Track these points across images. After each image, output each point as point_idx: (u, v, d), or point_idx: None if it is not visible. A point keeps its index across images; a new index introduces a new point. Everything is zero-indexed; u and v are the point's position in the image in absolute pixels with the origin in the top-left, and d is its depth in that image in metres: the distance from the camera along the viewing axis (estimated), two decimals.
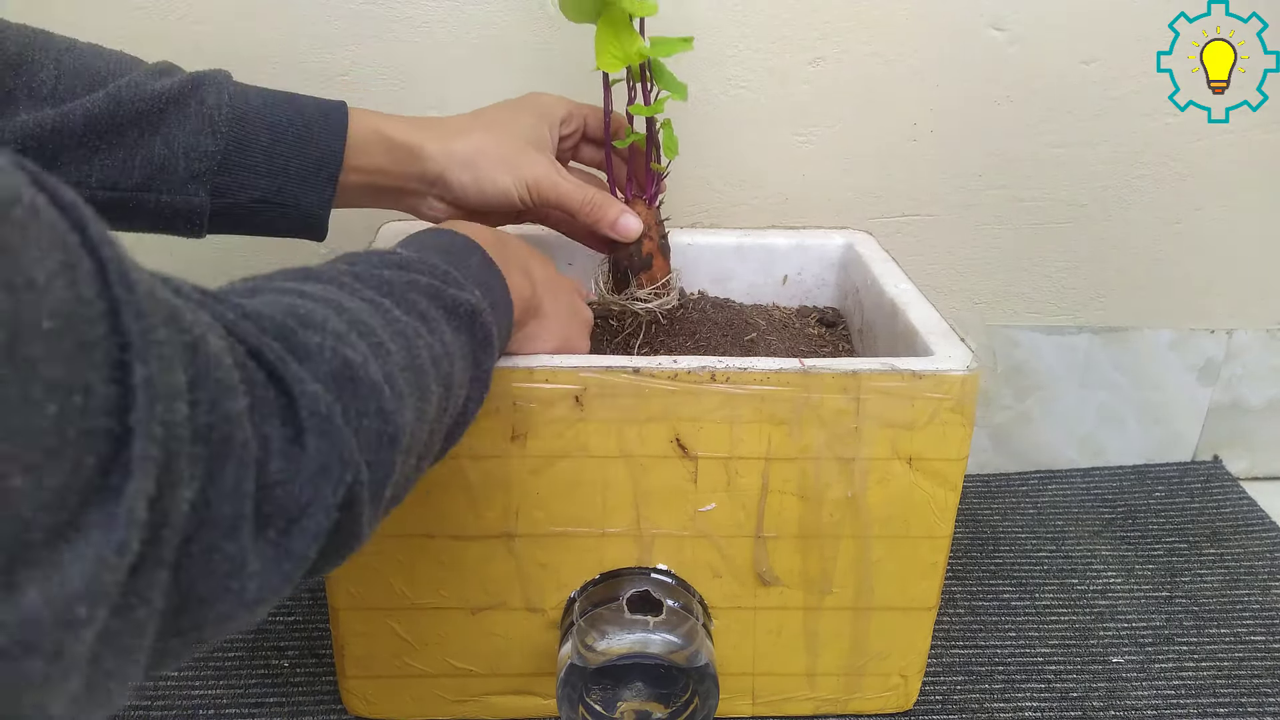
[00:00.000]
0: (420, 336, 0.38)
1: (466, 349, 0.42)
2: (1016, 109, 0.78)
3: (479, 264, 0.46)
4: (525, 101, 0.62)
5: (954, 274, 0.83)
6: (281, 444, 0.29)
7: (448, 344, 0.40)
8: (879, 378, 0.53)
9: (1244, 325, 0.87)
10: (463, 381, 0.41)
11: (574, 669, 0.52)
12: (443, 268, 0.42)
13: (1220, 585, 0.76)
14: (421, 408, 0.36)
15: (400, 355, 0.36)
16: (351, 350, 0.33)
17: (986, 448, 0.90)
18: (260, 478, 0.28)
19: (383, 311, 0.37)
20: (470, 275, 0.44)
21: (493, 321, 0.44)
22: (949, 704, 0.65)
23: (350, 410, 0.32)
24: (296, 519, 0.29)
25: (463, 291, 0.42)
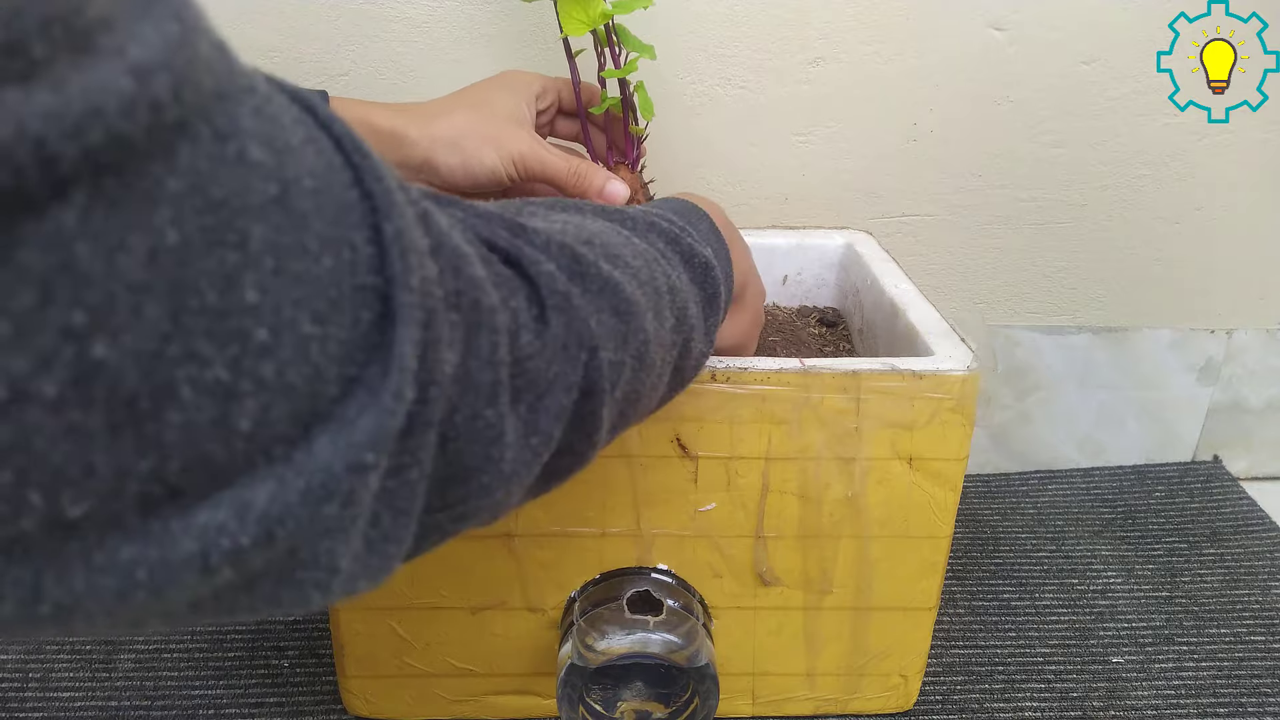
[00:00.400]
0: (657, 263, 0.38)
1: (698, 297, 0.42)
2: (1016, 109, 0.78)
3: (709, 229, 0.47)
4: (501, 79, 0.63)
5: (954, 274, 0.83)
6: (527, 318, 0.30)
7: (684, 283, 0.40)
8: (879, 378, 0.53)
9: (1244, 325, 0.87)
10: (696, 324, 0.41)
11: (574, 669, 0.52)
12: (679, 222, 0.43)
13: (1220, 585, 0.76)
14: (658, 326, 0.37)
15: (640, 270, 0.36)
16: (588, 253, 0.33)
17: (986, 448, 0.90)
18: (513, 349, 0.29)
19: (621, 235, 0.37)
20: (703, 236, 0.45)
21: (721, 280, 0.44)
22: (949, 704, 0.65)
23: (588, 295, 0.32)
24: (543, 394, 0.30)
25: (699, 245, 0.43)
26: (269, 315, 0.20)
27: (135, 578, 0.19)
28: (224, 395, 0.20)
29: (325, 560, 0.23)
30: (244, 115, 0.21)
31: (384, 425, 0.23)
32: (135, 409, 0.18)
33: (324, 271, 0.22)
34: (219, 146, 0.20)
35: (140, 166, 0.18)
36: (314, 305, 0.21)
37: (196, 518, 0.20)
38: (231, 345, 0.20)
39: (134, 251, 0.18)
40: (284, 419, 0.21)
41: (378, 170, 0.24)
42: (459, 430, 0.27)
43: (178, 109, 0.19)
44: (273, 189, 0.21)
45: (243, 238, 0.20)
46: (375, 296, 0.23)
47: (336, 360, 0.22)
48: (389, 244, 0.23)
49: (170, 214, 0.18)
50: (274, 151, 0.21)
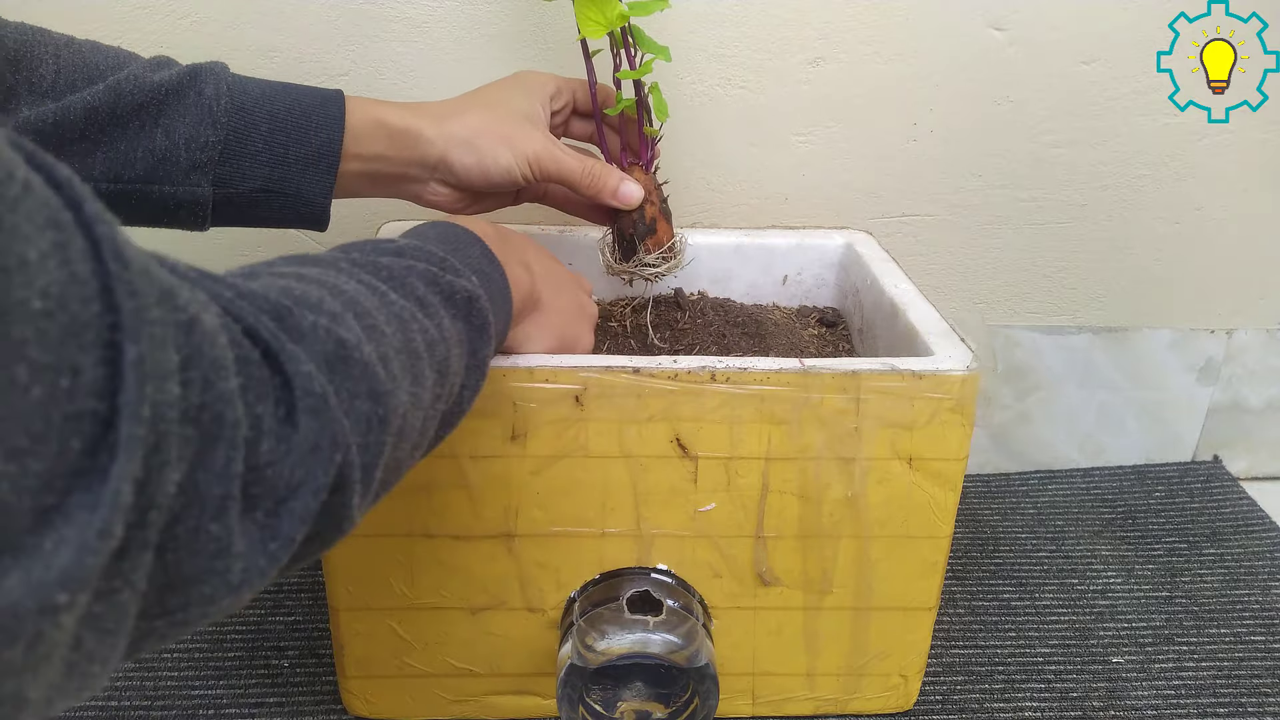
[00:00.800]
0: (415, 320, 0.37)
1: (463, 335, 0.42)
2: (1016, 109, 0.78)
3: (479, 254, 0.46)
4: (515, 80, 0.62)
5: (954, 274, 0.83)
6: (273, 424, 0.28)
7: (444, 330, 0.40)
8: (879, 378, 0.53)
9: (1244, 325, 0.87)
10: (459, 369, 0.41)
11: (574, 669, 0.52)
12: (440, 254, 0.42)
13: (1220, 585, 0.76)
14: (416, 391, 0.36)
15: (395, 338, 0.35)
16: (346, 331, 0.32)
17: (986, 448, 0.90)
18: (250, 458, 0.27)
19: (379, 295, 0.37)
20: (469, 264, 0.44)
21: (490, 309, 0.44)
22: (949, 704, 0.65)
23: (343, 391, 0.31)
24: (285, 500, 0.29)
25: (460, 278, 0.42)
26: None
27: None
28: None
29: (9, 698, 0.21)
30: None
31: (84, 563, 0.21)
32: None
33: (30, 404, 0.20)
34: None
35: None
36: (11, 441, 0.19)
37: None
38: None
39: None
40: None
41: (132, 285, 0.22)
42: (179, 543, 0.25)
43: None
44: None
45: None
46: (93, 422, 0.21)
47: (31, 492, 0.20)
48: (126, 369, 0.22)
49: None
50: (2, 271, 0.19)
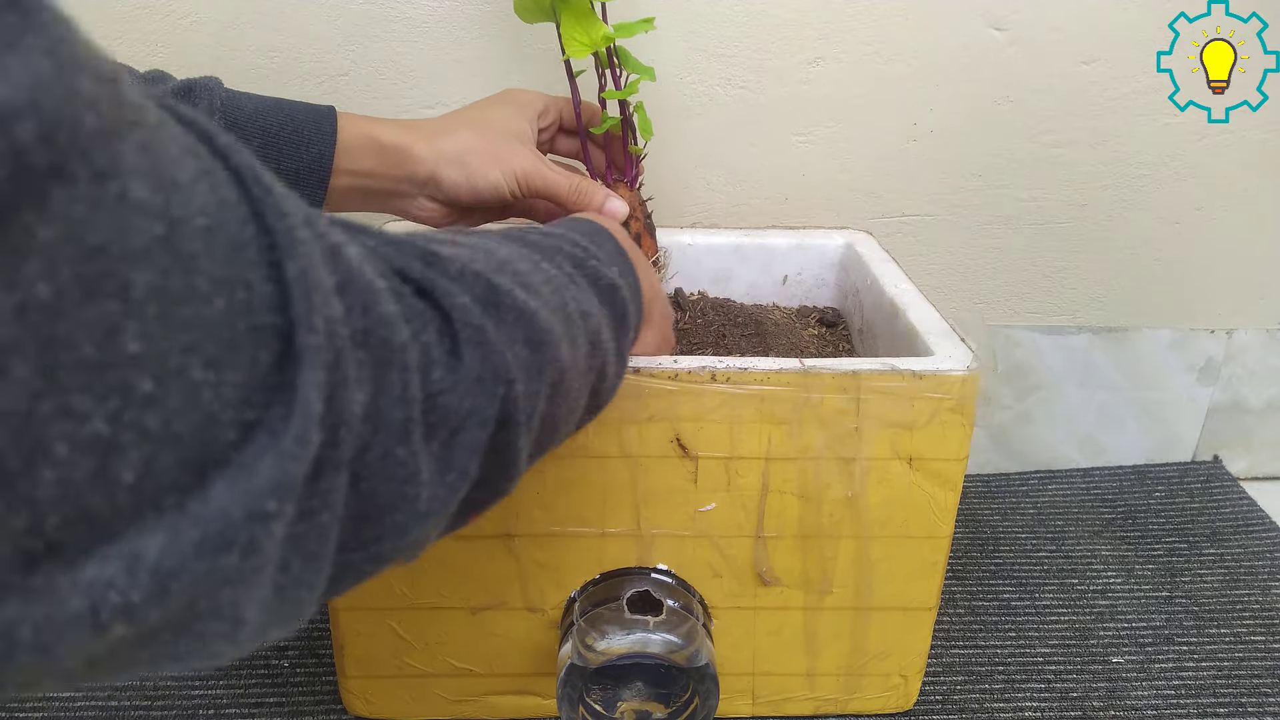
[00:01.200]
0: (567, 289, 0.38)
1: (609, 319, 0.42)
2: (1016, 109, 0.78)
3: (613, 250, 0.47)
4: (503, 97, 0.63)
5: (954, 274, 0.83)
6: (440, 353, 0.29)
7: (593, 307, 0.40)
8: (879, 378, 0.53)
9: (1244, 325, 0.87)
10: (609, 346, 0.41)
11: (574, 669, 0.52)
12: (584, 243, 0.43)
13: (1220, 585, 0.76)
14: (572, 353, 0.36)
15: (551, 298, 0.36)
16: (499, 278, 0.33)
17: (986, 448, 0.90)
18: (425, 385, 0.28)
19: (532, 261, 0.37)
20: (608, 258, 0.45)
21: (629, 300, 0.44)
22: (949, 704, 0.65)
23: (503, 330, 0.32)
24: (457, 430, 0.29)
25: (603, 266, 0.43)
26: (153, 364, 0.19)
27: (18, 638, 0.18)
28: (103, 449, 0.19)
29: (229, 611, 0.22)
30: (127, 153, 0.19)
31: (287, 470, 0.22)
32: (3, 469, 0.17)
33: (216, 314, 0.21)
34: (97, 188, 0.18)
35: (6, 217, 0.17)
36: (205, 350, 0.20)
37: (83, 573, 0.19)
38: (111, 399, 0.18)
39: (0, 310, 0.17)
40: (172, 468, 0.20)
41: (279, 205, 0.23)
42: (371, 469, 0.26)
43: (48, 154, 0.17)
44: (158, 229, 0.19)
45: (124, 285, 0.19)
46: (275, 336, 0.22)
47: (232, 404, 0.21)
48: (291, 283, 0.22)
49: (41, 266, 0.17)
50: (159, 189, 0.20)
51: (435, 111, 0.75)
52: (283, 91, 0.74)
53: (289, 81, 0.74)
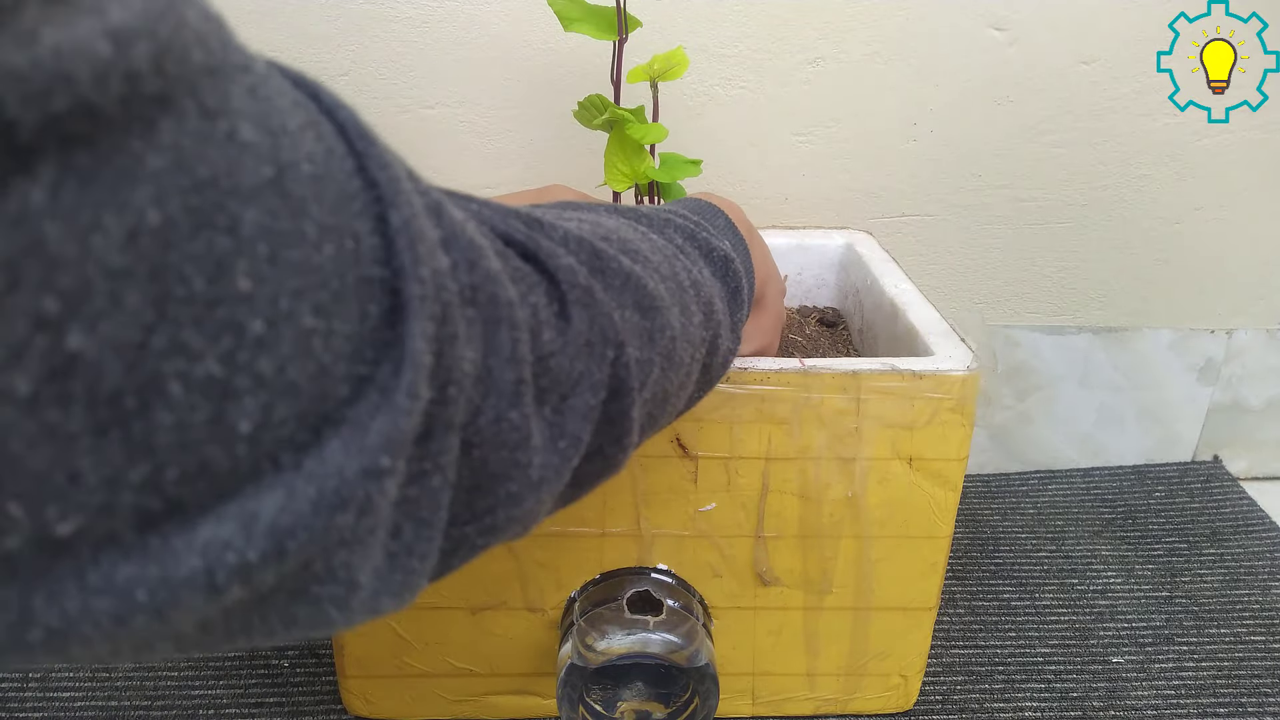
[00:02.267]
0: (679, 259, 0.37)
1: (722, 292, 0.41)
2: (1016, 109, 0.78)
3: (725, 225, 0.46)
4: (544, 194, 0.62)
5: (954, 274, 0.83)
6: (548, 314, 0.28)
7: (706, 277, 0.39)
8: (879, 378, 0.53)
9: (1244, 325, 0.87)
10: (722, 318, 0.40)
11: (574, 669, 0.52)
12: (694, 218, 0.42)
13: (1220, 585, 0.76)
14: (684, 321, 0.35)
15: (662, 266, 0.35)
16: (604, 244, 0.32)
17: (986, 448, 0.90)
18: (535, 346, 0.27)
19: (640, 232, 0.36)
20: (720, 232, 0.44)
21: (743, 274, 0.43)
22: (949, 704, 0.65)
23: (611, 293, 0.31)
24: (568, 394, 0.28)
25: (715, 239, 0.42)
26: (264, 305, 0.19)
27: (134, 599, 0.18)
28: (219, 393, 0.18)
29: (343, 574, 0.22)
30: (236, 94, 0.19)
31: (398, 426, 0.21)
32: (119, 407, 0.17)
33: (325, 261, 0.20)
34: (206, 124, 0.18)
35: (117, 140, 0.17)
36: (315, 297, 0.20)
37: (199, 532, 0.18)
38: (224, 337, 0.18)
39: (111, 232, 0.16)
40: (289, 421, 0.20)
41: (383, 158, 0.23)
42: (483, 435, 0.25)
43: (159, 81, 0.17)
44: (267, 171, 0.19)
45: (234, 221, 0.18)
46: (383, 290, 0.22)
47: (344, 357, 0.21)
48: (396, 234, 0.22)
49: (151, 192, 0.17)
50: (268, 133, 0.20)
51: (435, 112, 0.75)
52: None
53: None
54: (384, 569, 0.23)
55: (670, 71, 0.56)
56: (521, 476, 0.27)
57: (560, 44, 0.74)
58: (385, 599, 0.24)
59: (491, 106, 0.75)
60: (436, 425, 0.23)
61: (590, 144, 0.75)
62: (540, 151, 0.77)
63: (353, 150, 0.22)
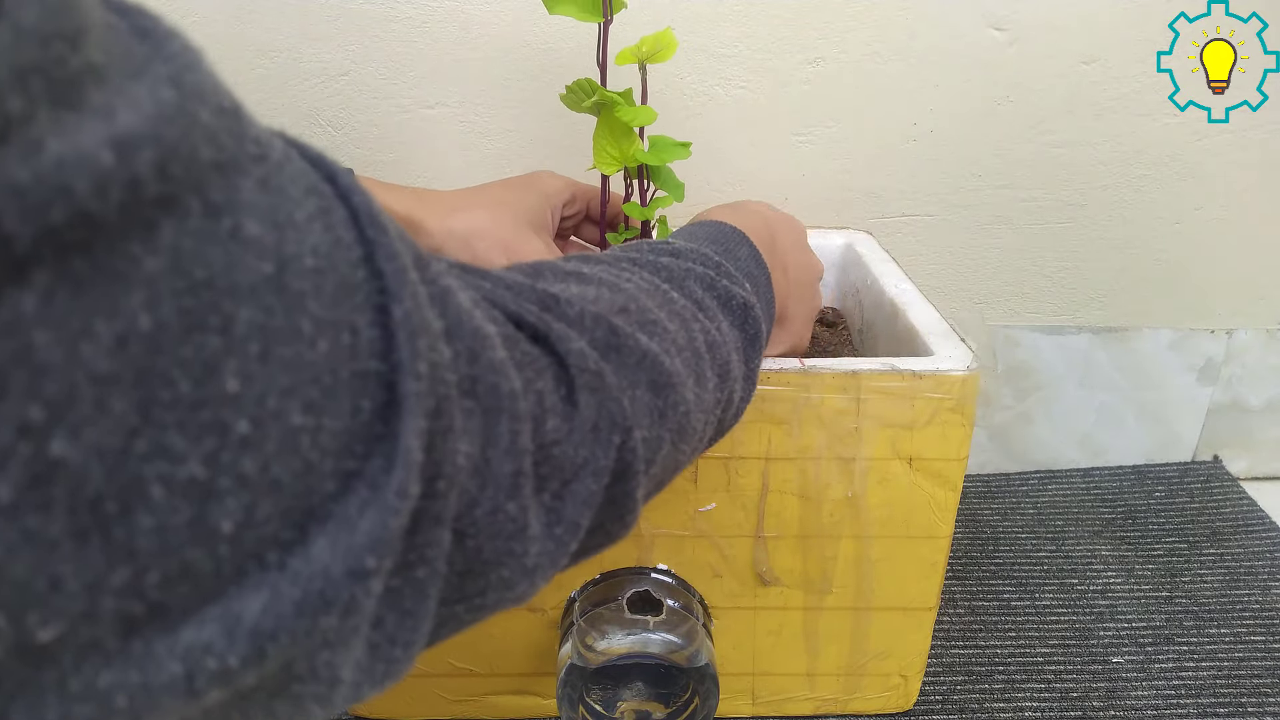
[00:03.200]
0: (697, 320, 0.37)
1: (739, 343, 0.41)
2: (1016, 109, 0.78)
3: (747, 256, 0.46)
4: (530, 180, 0.63)
5: (954, 274, 0.83)
6: (555, 401, 0.28)
7: (724, 333, 0.39)
8: (879, 378, 0.53)
9: (1244, 325, 0.87)
10: (738, 374, 0.40)
11: (574, 669, 0.52)
12: (715, 259, 0.42)
13: (1220, 585, 0.76)
14: (699, 392, 0.35)
15: (678, 335, 0.35)
16: (623, 323, 0.32)
17: (986, 448, 0.90)
18: (537, 435, 0.27)
19: (660, 293, 0.36)
20: (741, 268, 0.44)
21: (762, 318, 0.43)
22: (949, 704, 0.65)
23: (623, 377, 0.31)
24: (569, 481, 0.28)
25: (735, 285, 0.41)
26: (251, 405, 0.19)
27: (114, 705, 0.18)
28: (200, 494, 0.18)
29: (325, 673, 0.21)
30: (245, 187, 0.19)
31: (387, 525, 0.21)
32: (100, 512, 0.17)
33: (319, 357, 0.20)
34: (209, 222, 0.18)
35: (113, 245, 0.17)
36: (305, 394, 0.20)
37: (181, 636, 0.18)
38: (207, 439, 0.18)
39: (100, 339, 0.16)
40: (273, 519, 0.19)
41: (391, 247, 0.23)
42: (478, 526, 0.25)
43: (161, 185, 0.17)
44: (267, 268, 0.19)
45: (226, 321, 0.18)
46: (379, 384, 0.22)
47: (333, 453, 0.20)
48: (396, 327, 0.22)
49: (144, 297, 0.17)
50: (274, 227, 0.20)
51: (435, 112, 0.75)
52: (283, 92, 0.74)
53: (289, 81, 0.74)
54: (366, 661, 0.23)
55: (659, 54, 0.56)
56: (516, 564, 0.27)
57: (560, 44, 0.74)
58: (366, 689, 0.24)
59: (491, 106, 0.75)
60: (424, 519, 0.23)
61: (590, 144, 0.75)
62: (540, 151, 0.77)
63: (362, 239, 0.22)
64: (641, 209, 0.60)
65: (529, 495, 0.27)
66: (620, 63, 0.56)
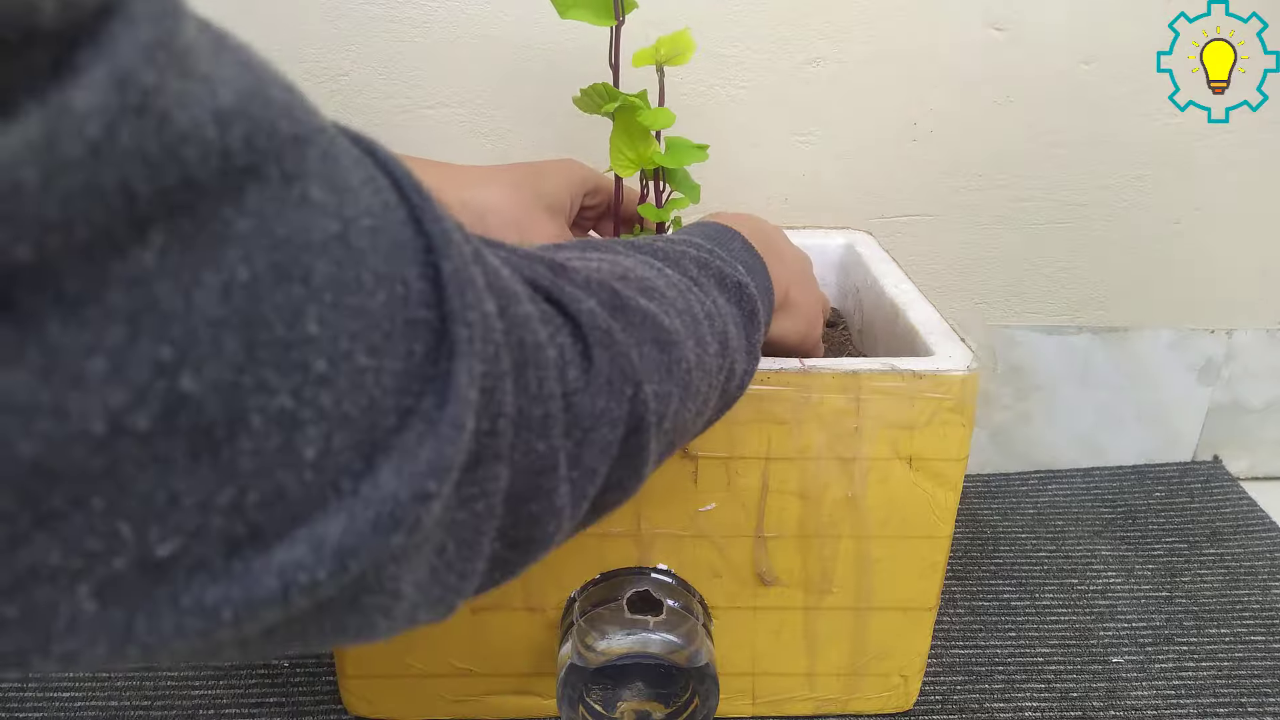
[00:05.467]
0: (692, 291, 0.39)
1: (737, 318, 0.42)
2: (1016, 109, 0.78)
3: (741, 248, 0.48)
4: (554, 165, 0.63)
5: (954, 274, 0.83)
6: (573, 354, 0.30)
7: (720, 306, 0.41)
8: (879, 378, 0.53)
9: (1244, 325, 0.87)
10: (738, 345, 0.42)
11: (574, 669, 0.52)
12: (708, 247, 0.44)
13: (1220, 585, 0.76)
14: (700, 352, 0.37)
15: (676, 301, 0.37)
16: (622, 286, 0.34)
17: (986, 448, 0.90)
18: (562, 383, 0.29)
19: (656, 269, 0.38)
20: (734, 256, 0.46)
21: (758, 297, 0.45)
22: (949, 704, 0.65)
23: (630, 334, 0.33)
24: (589, 430, 0.30)
25: (728, 267, 0.43)
26: (328, 346, 0.21)
27: (220, 617, 0.20)
28: (289, 424, 0.20)
29: (390, 585, 0.24)
30: (312, 157, 0.21)
31: (444, 454, 0.23)
32: (212, 437, 0.19)
33: (378, 305, 0.22)
34: (284, 188, 0.20)
35: (212, 207, 0.19)
36: (369, 338, 0.22)
37: (275, 555, 0.21)
38: (295, 375, 0.20)
39: (209, 288, 0.19)
40: (346, 448, 0.22)
41: (435, 210, 0.25)
42: (514, 463, 0.27)
43: (249, 155, 0.19)
44: (334, 227, 0.21)
45: (306, 273, 0.21)
46: (428, 330, 0.24)
47: (392, 391, 0.23)
48: (446, 281, 0.24)
49: (240, 252, 0.19)
50: (335, 191, 0.22)
51: (435, 112, 0.75)
52: None
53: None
54: (426, 582, 0.25)
55: (678, 57, 0.56)
56: (546, 501, 0.29)
57: (561, 44, 0.74)
58: (423, 611, 0.26)
59: (491, 106, 0.75)
60: (485, 455, 0.25)
61: (590, 144, 0.75)
62: (541, 152, 0.77)
63: (405, 201, 0.25)
64: (657, 210, 0.60)
65: (558, 437, 0.29)
66: (637, 64, 0.56)
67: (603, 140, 0.60)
